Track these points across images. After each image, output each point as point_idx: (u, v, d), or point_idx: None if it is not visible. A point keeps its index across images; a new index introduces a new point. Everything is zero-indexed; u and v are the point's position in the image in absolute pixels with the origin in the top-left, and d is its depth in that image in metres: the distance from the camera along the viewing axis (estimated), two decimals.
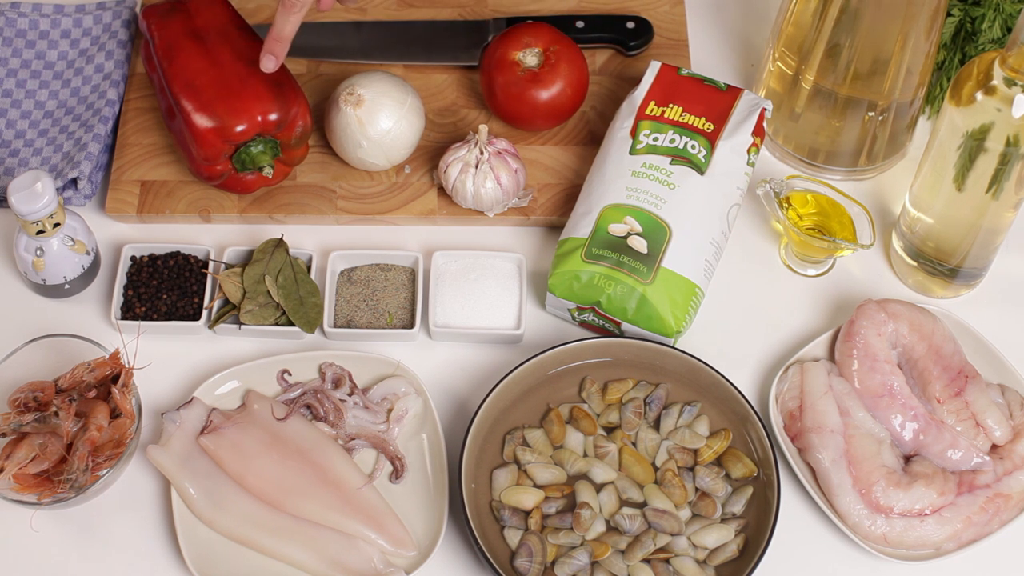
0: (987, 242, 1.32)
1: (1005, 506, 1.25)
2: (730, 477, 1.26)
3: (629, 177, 1.33)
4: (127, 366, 1.25)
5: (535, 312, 1.38)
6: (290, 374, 1.31)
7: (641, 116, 1.37)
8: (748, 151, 1.36)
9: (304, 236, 1.41)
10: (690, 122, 1.36)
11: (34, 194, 1.26)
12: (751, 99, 1.38)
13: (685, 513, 1.24)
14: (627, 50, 1.51)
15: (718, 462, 1.27)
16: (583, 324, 1.35)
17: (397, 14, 1.54)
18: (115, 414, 1.25)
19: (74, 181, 1.40)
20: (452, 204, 1.41)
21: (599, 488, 1.25)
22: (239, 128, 1.32)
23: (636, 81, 1.45)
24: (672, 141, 1.35)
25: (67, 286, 1.35)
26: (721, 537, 1.23)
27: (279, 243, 1.36)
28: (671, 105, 1.37)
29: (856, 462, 1.25)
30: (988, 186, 1.25)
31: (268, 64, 1.31)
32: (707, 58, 1.55)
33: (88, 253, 1.35)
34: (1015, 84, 1.18)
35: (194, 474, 1.24)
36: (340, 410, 1.28)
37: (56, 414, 1.23)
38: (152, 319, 1.33)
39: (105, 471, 1.21)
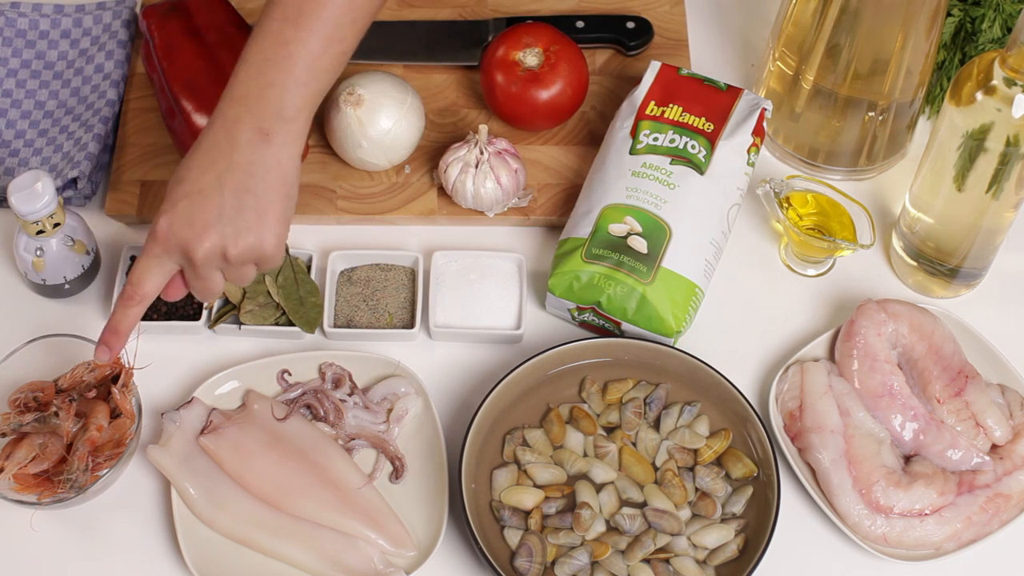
0: (987, 242, 1.32)
1: (1005, 506, 1.25)
2: (730, 477, 1.26)
3: (629, 177, 1.33)
4: (127, 366, 1.25)
5: (535, 312, 1.38)
6: (290, 374, 1.31)
7: (641, 116, 1.37)
8: (748, 151, 1.36)
9: (304, 236, 1.41)
10: (690, 122, 1.36)
11: (34, 194, 1.26)
12: (751, 99, 1.38)
13: (685, 513, 1.24)
14: (627, 50, 1.51)
15: (718, 462, 1.27)
16: (583, 324, 1.35)
17: (397, 14, 1.54)
18: (115, 414, 1.25)
19: (74, 181, 1.40)
20: (452, 204, 1.41)
21: (599, 488, 1.25)
22: None
23: (636, 81, 1.45)
24: (672, 141, 1.35)
25: (67, 286, 1.35)
26: (721, 537, 1.23)
27: None
28: (671, 105, 1.37)
29: (856, 462, 1.25)
30: (988, 186, 1.25)
31: (102, 356, 1.15)
32: (707, 58, 1.54)
33: (88, 253, 1.34)
34: (1015, 84, 1.18)
35: (194, 474, 1.24)
36: (340, 410, 1.28)
37: (56, 414, 1.23)
38: (152, 319, 1.33)
39: (105, 471, 1.21)
